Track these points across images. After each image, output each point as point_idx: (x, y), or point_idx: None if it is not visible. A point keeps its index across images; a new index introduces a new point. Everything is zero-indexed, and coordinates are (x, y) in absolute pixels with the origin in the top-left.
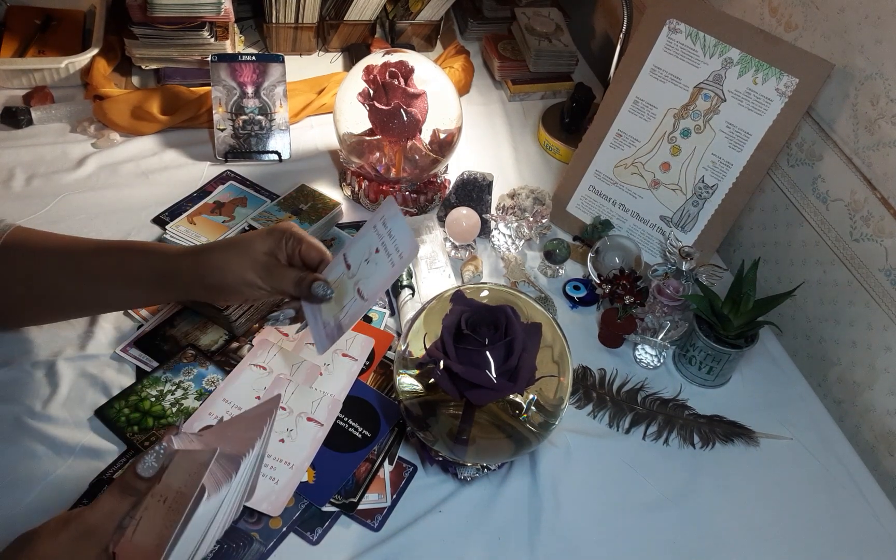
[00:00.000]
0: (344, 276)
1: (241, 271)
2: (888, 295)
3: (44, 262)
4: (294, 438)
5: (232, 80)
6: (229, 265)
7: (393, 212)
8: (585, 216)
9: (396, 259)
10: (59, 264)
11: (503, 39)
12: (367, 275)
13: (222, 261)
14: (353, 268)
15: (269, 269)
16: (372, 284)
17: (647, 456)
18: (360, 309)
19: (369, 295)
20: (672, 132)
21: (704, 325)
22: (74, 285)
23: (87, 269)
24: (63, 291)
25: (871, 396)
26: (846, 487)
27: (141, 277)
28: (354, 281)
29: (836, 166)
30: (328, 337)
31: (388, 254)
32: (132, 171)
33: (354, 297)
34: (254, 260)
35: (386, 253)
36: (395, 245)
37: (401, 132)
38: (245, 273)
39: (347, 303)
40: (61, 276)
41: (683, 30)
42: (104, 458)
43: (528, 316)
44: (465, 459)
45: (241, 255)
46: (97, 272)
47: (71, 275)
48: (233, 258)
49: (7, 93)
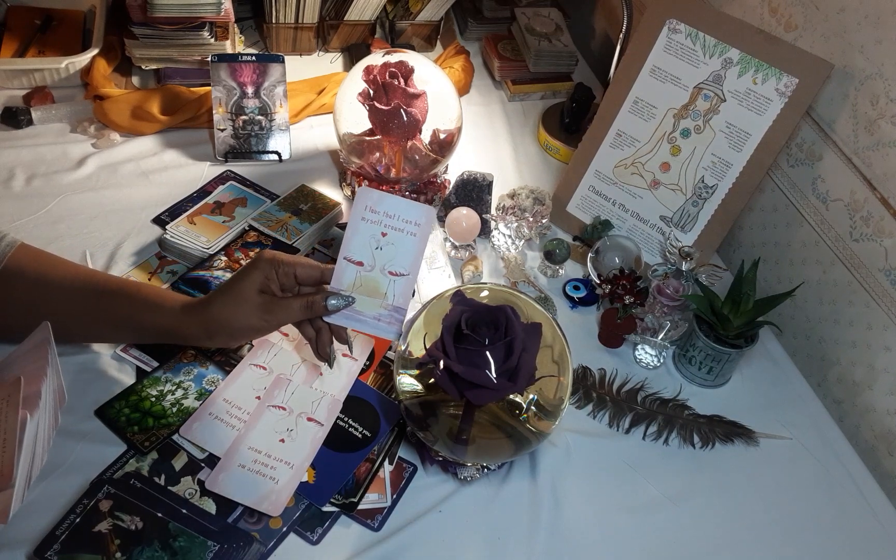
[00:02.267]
0: (362, 273)
1: (245, 319)
2: (888, 295)
3: (47, 295)
4: (294, 438)
5: (232, 80)
6: (234, 317)
7: (375, 197)
8: (585, 216)
9: (413, 228)
10: (65, 300)
11: (503, 39)
12: (392, 256)
13: (225, 314)
14: (367, 262)
15: (269, 307)
16: (403, 260)
17: (647, 456)
18: (408, 284)
19: (409, 268)
20: (672, 132)
21: (704, 325)
22: (79, 326)
23: (93, 311)
24: (66, 327)
25: (870, 396)
26: (846, 487)
27: (148, 330)
28: (380, 268)
29: (835, 166)
30: (391, 324)
31: (401, 229)
32: (132, 171)
33: (391, 280)
34: (251, 304)
35: (397, 230)
36: (402, 219)
37: (401, 132)
38: (249, 320)
39: (387, 288)
40: (65, 312)
41: (683, 30)
42: (104, 458)
43: (528, 316)
44: (465, 459)
45: (238, 303)
46: (104, 318)
47: (76, 314)
48: (232, 309)
49: (7, 93)
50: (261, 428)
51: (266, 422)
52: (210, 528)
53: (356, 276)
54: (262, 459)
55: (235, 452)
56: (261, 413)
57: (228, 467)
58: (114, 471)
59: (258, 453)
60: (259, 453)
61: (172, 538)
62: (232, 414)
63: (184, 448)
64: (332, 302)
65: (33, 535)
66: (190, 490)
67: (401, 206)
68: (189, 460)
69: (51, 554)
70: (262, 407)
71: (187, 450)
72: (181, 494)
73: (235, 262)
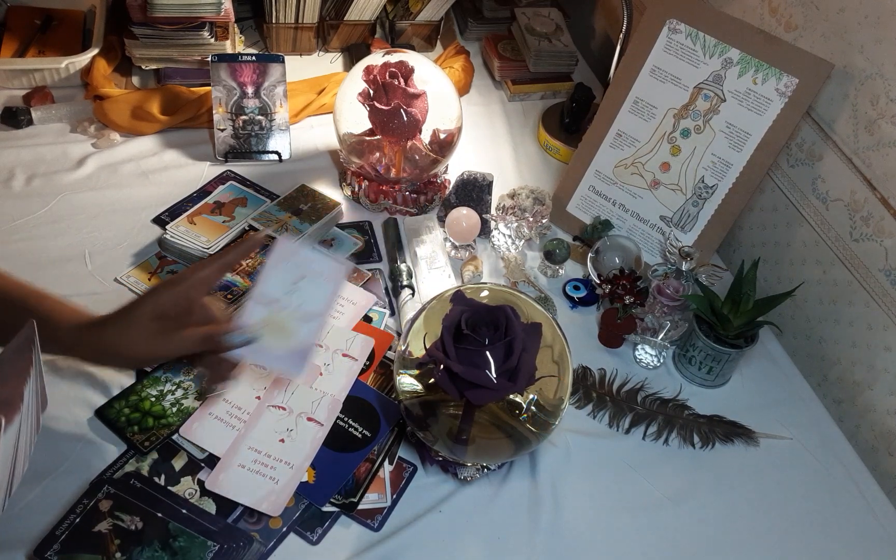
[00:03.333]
0: (272, 312)
1: (137, 346)
2: (888, 295)
3: None
4: (294, 438)
5: (232, 80)
6: (125, 343)
7: (294, 248)
8: (585, 216)
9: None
10: None
11: (503, 39)
12: (303, 300)
13: (117, 340)
14: (281, 301)
15: (164, 334)
16: (314, 303)
17: (647, 456)
18: (317, 326)
19: (319, 311)
20: (672, 132)
21: (704, 325)
22: None
23: None
24: None
25: (870, 396)
26: (846, 487)
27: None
28: (291, 310)
29: (835, 166)
30: (294, 363)
31: (315, 277)
32: (132, 171)
33: (303, 317)
34: (145, 330)
35: (311, 278)
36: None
37: (401, 132)
38: (141, 346)
39: (295, 328)
40: None
41: (683, 30)
42: (104, 458)
43: (528, 316)
44: (465, 459)
45: (130, 327)
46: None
47: None
48: (125, 334)
49: (7, 93)
50: (261, 428)
51: (266, 422)
52: (210, 528)
53: (265, 314)
54: (262, 459)
55: (235, 452)
56: (261, 413)
57: (228, 467)
58: (114, 471)
59: (258, 453)
60: (259, 453)
61: (172, 538)
62: (232, 414)
63: (184, 448)
64: (233, 338)
65: (33, 535)
66: (190, 490)
67: (318, 260)
68: (189, 460)
69: (51, 554)
70: (262, 407)
71: (187, 450)
72: (181, 494)
73: None
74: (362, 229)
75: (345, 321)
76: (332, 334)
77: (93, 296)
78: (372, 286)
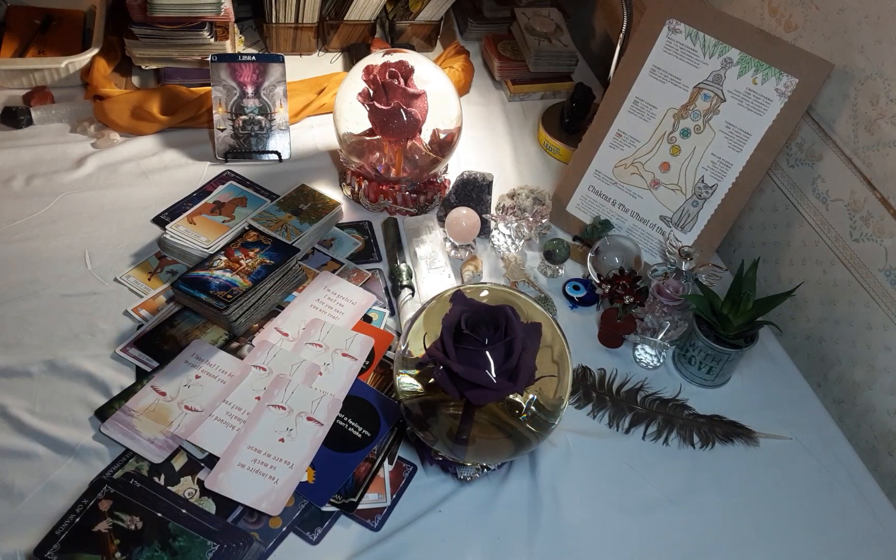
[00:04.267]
0: (161, 401)
1: None
2: (888, 295)
3: None
4: (294, 438)
5: (232, 80)
6: None
7: (206, 349)
8: (585, 216)
9: (226, 377)
10: None
11: (503, 39)
12: (195, 395)
13: None
14: (169, 393)
15: None
16: (202, 399)
17: (647, 456)
18: (196, 419)
19: (204, 407)
20: (672, 132)
21: (704, 325)
22: None
23: None
24: None
25: (870, 396)
26: (846, 487)
27: None
28: (178, 402)
29: (835, 166)
30: (161, 448)
31: (213, 377)
32: (132, 171)
33: (184, 413)
34: None
35: (210, 376)
36: (220, 369)
37: (401, 132)
38: None
39: (175, 419)
40: None
41: (683, 30)
42: (104, 458)
43: (528, 316)
44: (465, 459)
45: None
46: None
47: None
48: None
49: (7, 93)
50: (260, 427)
51: (266, 421)
52: (210, 527)
53: (153, 401)
54: (261, 459)
55: (235, 452)
56: (260, 413)
57: (228, 467)
58: (114, 471)
59: (258, 453)
60: (259, 453)
61: (172, 538)
62: (232, 414)
63: (184, 448)
64: None
65: (33, 534)
66: (190, 490)
67: (224, 361)
68: (189, 460)
69: (50, 554)
70: (262, 406)
71: (187, 450)
72: (181, 494)
73: (235, 262)
74: (362, 229)
75: (345, 321)
76: (331, 334)
77: (93, 296)
78: (372, 286)
